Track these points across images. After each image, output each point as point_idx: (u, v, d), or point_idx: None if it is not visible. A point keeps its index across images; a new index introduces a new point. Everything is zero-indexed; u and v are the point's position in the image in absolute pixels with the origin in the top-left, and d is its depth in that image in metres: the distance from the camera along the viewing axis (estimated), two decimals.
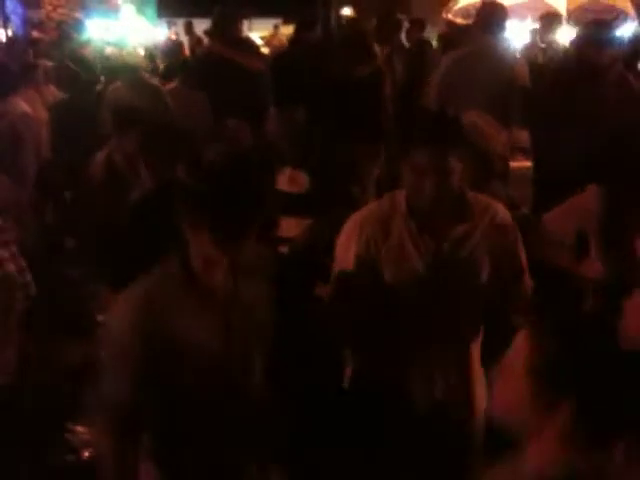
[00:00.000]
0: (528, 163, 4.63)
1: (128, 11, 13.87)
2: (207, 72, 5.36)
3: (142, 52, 8.87)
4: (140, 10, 14.13)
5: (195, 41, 9.64)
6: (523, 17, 8.48)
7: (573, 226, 2.68)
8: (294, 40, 5.83)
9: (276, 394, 2.06)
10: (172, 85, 6.23)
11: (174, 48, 9.89)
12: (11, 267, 2.54)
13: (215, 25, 5.48)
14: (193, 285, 1.81)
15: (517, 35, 8.29)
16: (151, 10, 14.66)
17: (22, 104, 5.11)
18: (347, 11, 7.81)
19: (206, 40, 6.63)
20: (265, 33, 12.58)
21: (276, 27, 13.06)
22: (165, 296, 1.80)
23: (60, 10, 13.22)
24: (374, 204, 2.41)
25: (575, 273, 2.58)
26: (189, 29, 10.92)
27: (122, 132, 4.03)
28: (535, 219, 3.02)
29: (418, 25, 6.96)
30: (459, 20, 9.47)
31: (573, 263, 2.63)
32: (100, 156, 4.23)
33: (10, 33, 11.57)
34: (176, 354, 1.78)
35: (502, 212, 2.31)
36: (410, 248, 2.22)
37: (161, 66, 7.93)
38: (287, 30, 12.62)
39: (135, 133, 3.96)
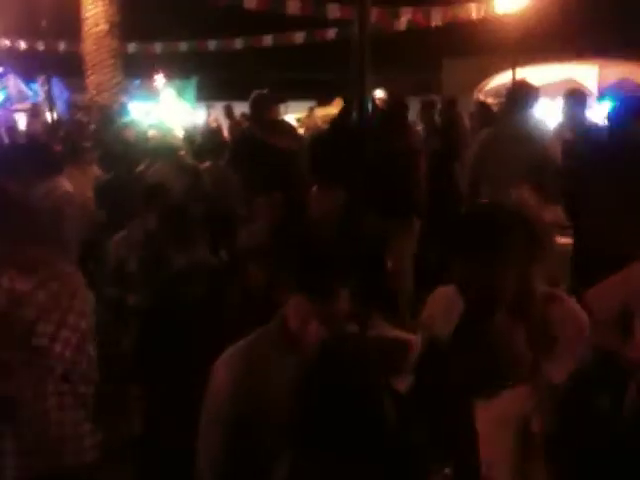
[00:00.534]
0: (563, 240, 4.60)
1: (168, 95, 14.43)
2: (243, 153, 5.51)
3: (181, 134, 9.14)
4: (180, 94, 14.68)
5: (234, 123, 9.92)
6: (554, 96, 8.62)
7: (617, 304, 2.60)
8: (332, 121, 5.99)
9: None
10: (208, 164, 6.43)
11: (212, 130, 10.21)
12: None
13: (252, 108, 5.65)
14: (290, 347, 1.88)
15: (549, 114, 8.40)
16: (190, 94, 15.21)
17: (65, 183, 5.26)
18: (380, 93, 7.99)
19: (245, 122, 6.82)
20: (300, 115, 12.92)
21: (311, 109, 13.41)
22: (263, 360, 1.89)
23: (104, 94, 13.78)
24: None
25: (619, 354, 2.49)
26: (229, 112, 11.27)
27: (146, 209, 4.14)
28: (575, 297, 2.96)
29: (451, 104, 7.08)
30: (490, 100, 9.66)
31: (617, 343, 2.55)
32: (122, 233, 4.34)
33: (55, 116, 12.07)
34: (271, 416, 1.83)
35: (573, 308, 2.17)
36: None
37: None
38: (321, 112, 12.97)
39: (156, 210, 4.06)
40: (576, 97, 5.72)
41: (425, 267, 4.81)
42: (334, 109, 10.10)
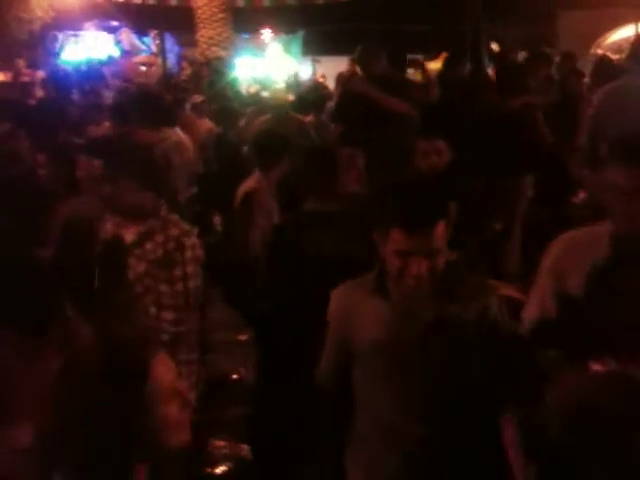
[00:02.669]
0: None
1: (275, 49, 14.51)
2: (342, 107, 5.46)
3: (285, 88, 9.19)
4: (286, 48, 14.73)
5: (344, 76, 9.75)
6: None
7: None
8: (443, 74, 5.83)
9: None
10: (310, 117, 6.44)
11: (316, 84, 10.21)
12: None
13: (359, 63, 5.56)
14: (381, 292, 1.98)
15: None
16: (296, 48, 15.21)
17: (178, 133, 5.41)
18: (493, 46, 7.75)
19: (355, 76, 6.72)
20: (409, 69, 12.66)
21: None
22: (354, 299, 2.06)
23: (214, 48, 14.02)
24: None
25: None
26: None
27: (267, 167, 4.16)
28: None
29: (569, 58, 6.77)
30: (610, 55, 9.15)
31: None
32: (243, 188, 4.39)
33: (167, 69, 12.39)
34: (355, 351, 2.03)
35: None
36: None
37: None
38: (431, 66, 12.67)
39: (280, 166, 4.09)
40: None
41: (536, 226, 4.68)
42: (440, 63, 9.85)
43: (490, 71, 6.45)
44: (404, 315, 1.96)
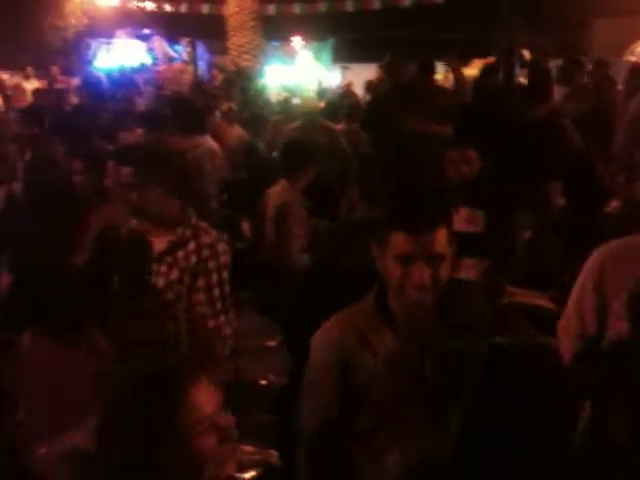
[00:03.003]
0: None
1: (305, 57, 14.57)
2: (369, 118, 5.45)
3: (315, 95, 9.20)
4: (316, 56, 14.78)
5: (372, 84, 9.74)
6: None
7: None
8: (478, 82, 5.81)
9: None
10: (341, 125, 6.45)
11: (346, 92, 10.21)
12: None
13: (385, 71, 5.54)
14: (381, 313, 1.87)
15: None
16: (326, 56, 15.25)
17: (209, 140, 5.46)
18: (525, 53, 7.70)
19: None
20: (438, 75, 12.62)
21: (448, 70, 13.08)
22: (356, 327, 1.90)
23: (245, 56, 14.12)
24: None
25: None
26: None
27: (293, 175, 4.19)
28: None
29: (602, 65, 6.70)
30: None
31: None
32: (270, 195, 4.41)
33: (198, 77, 12.51)
34: (361, 383, 1.87)
35: None
36: None
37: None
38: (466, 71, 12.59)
39: (306, 174, 4.11)
40: None
41: (568, 234, 4.62)
42: (471, 70, 9.80)
43: (523, 79, 6.42)
44: (407, 338, 1.85)
